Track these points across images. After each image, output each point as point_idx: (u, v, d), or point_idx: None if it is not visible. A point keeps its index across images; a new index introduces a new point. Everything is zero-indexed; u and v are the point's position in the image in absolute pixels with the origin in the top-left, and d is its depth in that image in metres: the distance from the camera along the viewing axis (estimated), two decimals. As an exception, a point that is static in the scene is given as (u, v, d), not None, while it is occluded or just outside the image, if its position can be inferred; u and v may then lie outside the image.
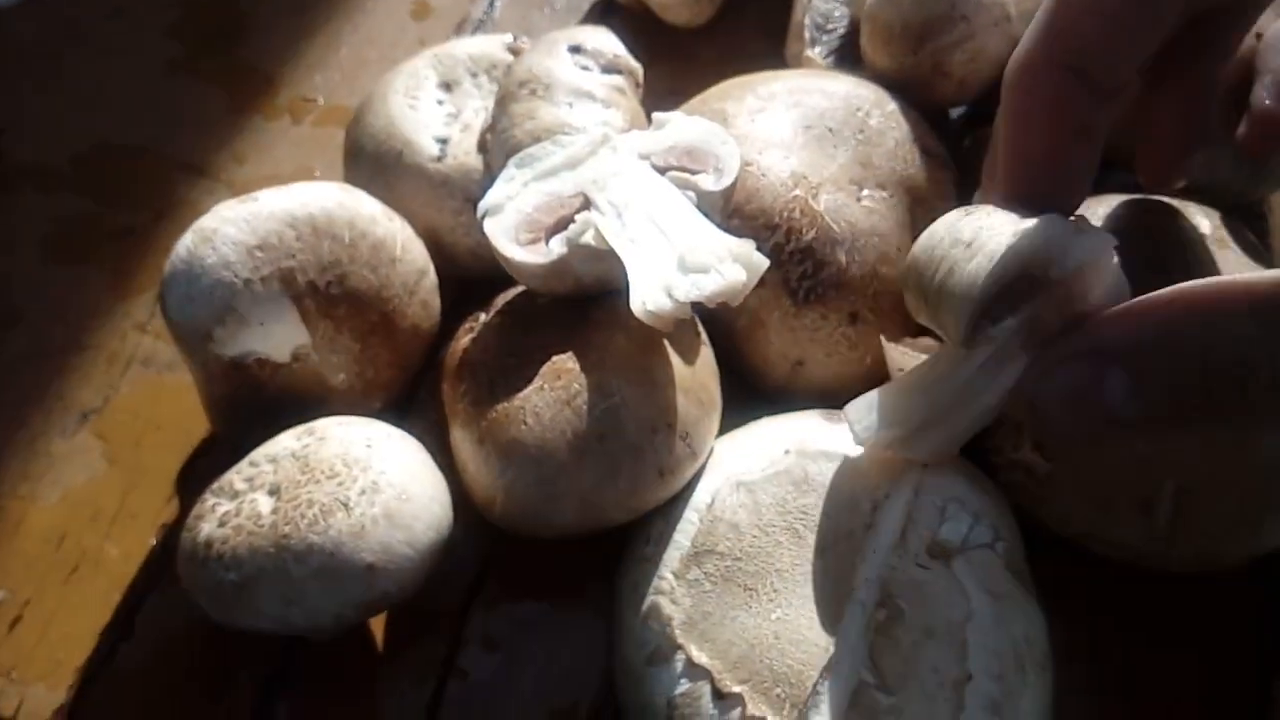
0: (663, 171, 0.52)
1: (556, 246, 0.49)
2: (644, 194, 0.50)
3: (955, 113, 0.68)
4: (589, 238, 0.49)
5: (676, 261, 0.47)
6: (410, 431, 0.51)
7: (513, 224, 0.50)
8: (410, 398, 0.58)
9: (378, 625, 0.51)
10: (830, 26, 0.71)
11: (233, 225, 0.50)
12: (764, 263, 0.47)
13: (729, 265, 0.47)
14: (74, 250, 0.67)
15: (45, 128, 0.73)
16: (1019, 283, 0.41)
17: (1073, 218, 0.43)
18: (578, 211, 0.50)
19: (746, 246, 0.47)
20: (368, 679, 0.50)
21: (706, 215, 0.50)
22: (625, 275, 0.47)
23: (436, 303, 0.57)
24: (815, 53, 0.70)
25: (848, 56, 0.70)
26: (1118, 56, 0.41)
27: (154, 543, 0.54)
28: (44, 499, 0.56)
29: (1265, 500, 0.49)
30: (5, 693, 0.50)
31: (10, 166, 0.71)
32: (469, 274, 0.60)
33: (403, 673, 0.50)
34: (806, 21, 0.71)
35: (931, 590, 0.44)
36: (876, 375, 0.54)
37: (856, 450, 0.48)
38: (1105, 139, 0.44)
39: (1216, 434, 0.47)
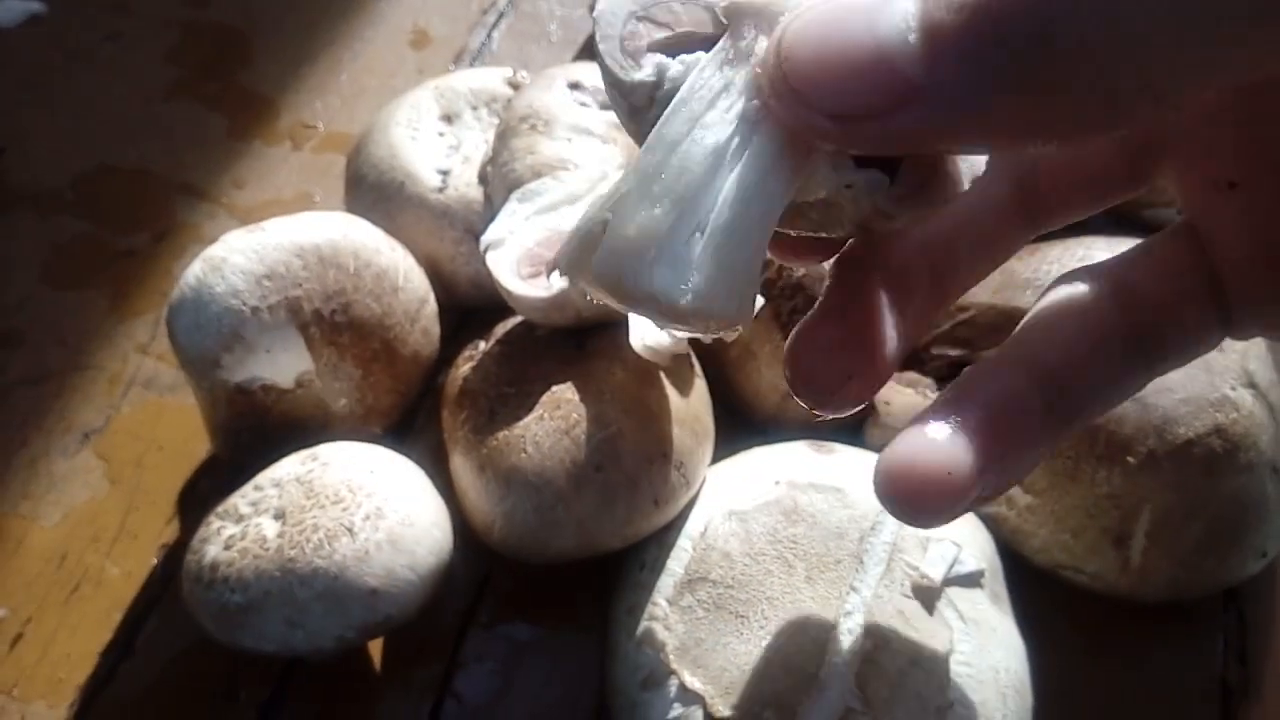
0: (660, 208, 0.53)
1: (557, 281, 0.51)
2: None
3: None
4: (589, 272, 0.50)
5: (674, 298, 0.49)
6: (409, 456, 0.52)
7: (514, 258, 0.52)
8: (409, 423, 0.59)
9: (375, 646, 0.52)
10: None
11: (241, 254, 0.51)
12: (760, 300, 0.48)
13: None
14: (75, 272, 0.68)
15: (45, 150, 0.74)
16: None
17: None
18: (577, 246, 0.52)
19: (741, 284, 0.48)
20: (366, 700, 0.51)
21: (702, 252, 0.51)
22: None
23: (437, 330, 0.59)
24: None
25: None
26: None
27: (155, 563, 0.55)
28: (45, 518, 0.57)
29: (1233, 534, 0.51)
30: (6, 710, 0.51)
31: (10, 188, 0.72)
32: (468, 302, 0.61)
33: (400, 694, 0.51)
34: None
35: (916, 619, 0.46)
36: (865, 408, 0.56)
37: (846, 481, 0.49)
38: None
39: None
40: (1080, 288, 0.30)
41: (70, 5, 0.83)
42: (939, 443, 0.26)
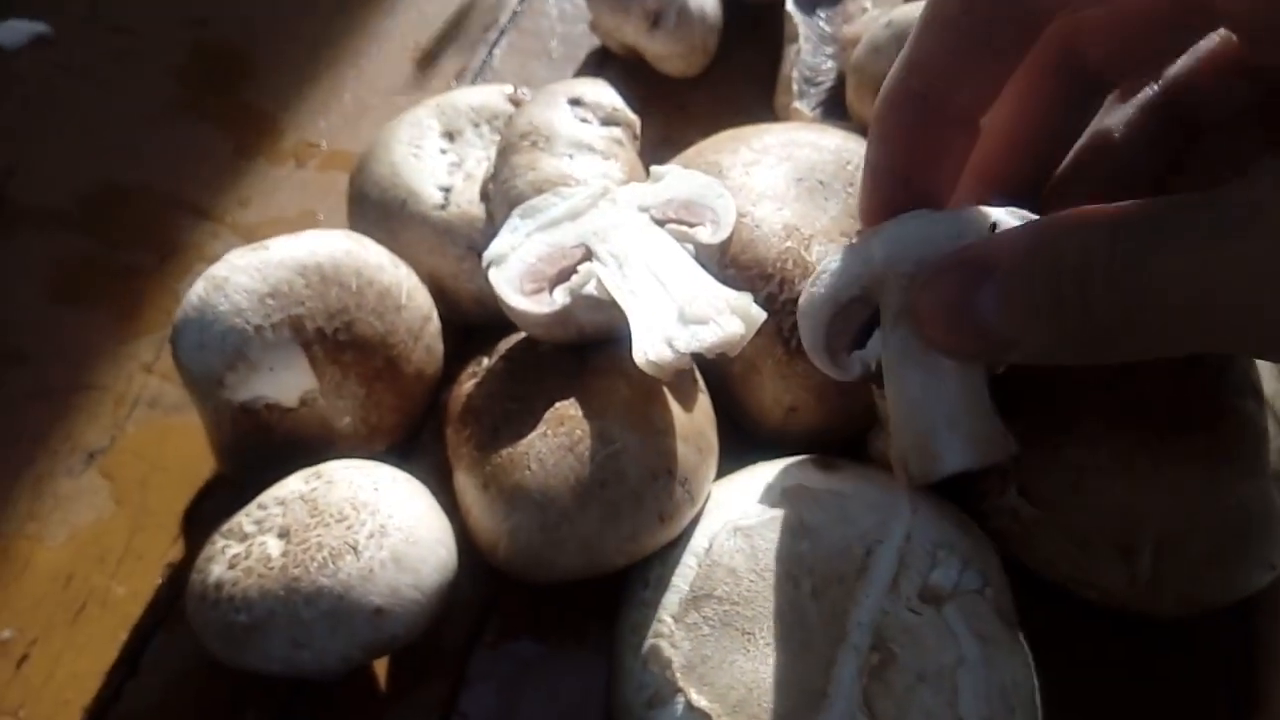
0: (661, 224, 0.53)
1: (560, 297, 0.51)
2: (644, 246, 0.52)
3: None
4: (591, 288, 0.50)
5: (677, 313, 0.49)
6: (413, 474, 0.52)
7: (517, 274, 0.52)
8: (413, 440, 0.59)
9: (380, 665, 0.52)
10: (818, 79, 0.73)
11: (244, 273, 0.51)
12: (761, 315, 0.49)
13: (727, 317, 0.48)
14: (79, 291, 0.68)
15: (50, 169, 0.74)
16: (864, 294, 0.46)
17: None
18: (580, 262, 0.52)
19: (744, 299, 0.49)
20: (371, 718, 0.51)
21: (704, 267, 0.52)
22: (626, 325, 0.49)
23: (440, 348, 0.59)
24: (803, 104, 0.72)
25: (834, 109, 0.72)
26: (958, 83, 0.44)
27: (160, 582, 0.55)
28: (51, 538, 0.57)
29: (1240, 547, 0.51)
30: (12, 731, 0.51)
31: (16, 207, 0.72)
32: (471, 319, 0.61)
33: (405, 713, 0.51)
34: (795, 75, 0.73)
35: (923, 635, 0.46)
36: (868, 421, 0.56)
37: (851, 496, 0.49)
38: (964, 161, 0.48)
39: (1185, 472, 0.49)
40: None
41: (75, 26, 0.84)
42: None
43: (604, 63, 0.80)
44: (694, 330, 0.48)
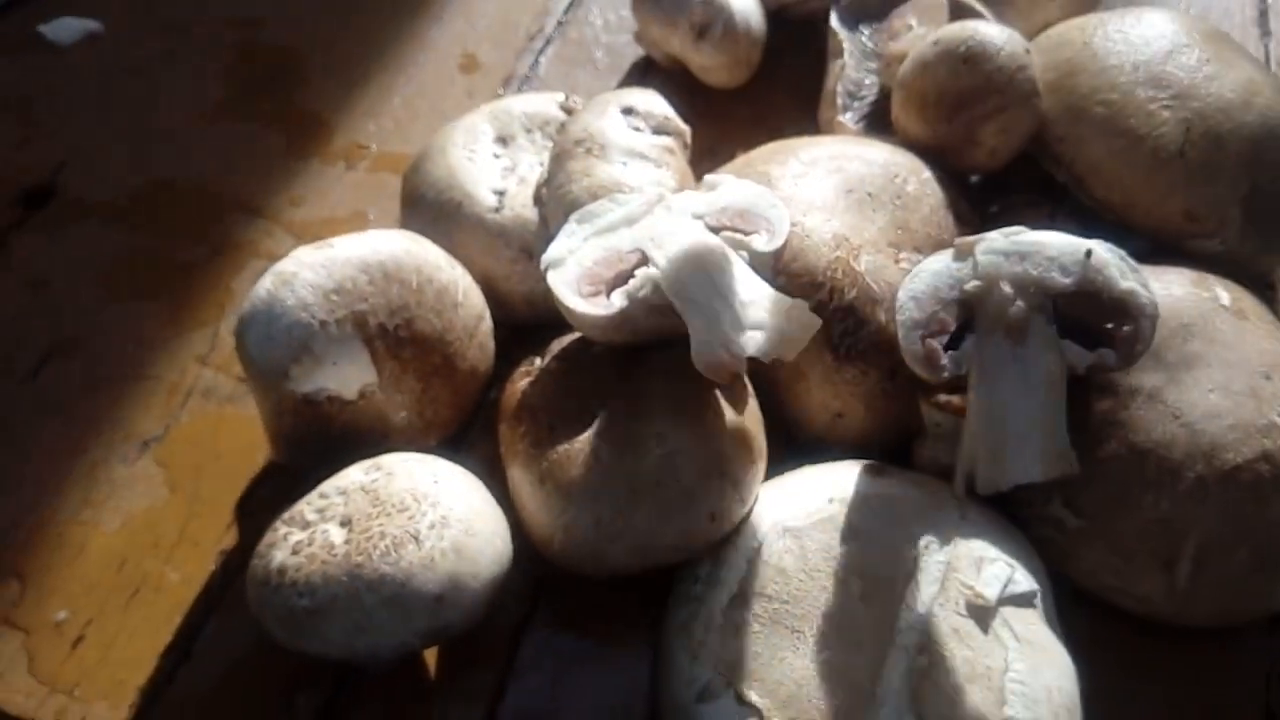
0: (716, 231, 0.55)
1: (618, 300, 0.52)
2: (700, 252, 0.53)
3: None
4: (649, 292, 0.51)
5: (734, 318, 0.50)
6: (464, 467, 0.53)
7: (575, 277, 0.53)
8: (462, 436, 0.60)
9: (430, 653, 0.53)
10: (861, 94, 0.75)
11: (311, 269, 0.52)
12: (817, 322, 0.50)
13: (784, 323, 0.50)
14: (133, 284, 0.69)
15: (104, 164, 0.76)
16: (963, 298, 0.51)
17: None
18: (636, 266, 0.53)
19: (800, 306, 0.50)
20: (419, 706, 0.52)
21: (758, 274, 0.53)
22: (682, 328, 0.50)
23: (492, 346, 0.60)
24: (847, 118, 0.73)
25: (877, 123, 0.73)
26: None
27: (214, 569, 0.56)
28: (105, 524, 0.58)
29: (1279, 560, 0.52)
30: (68, 710, 0.52)
31: (69, 201, 0.74)
32: (520, 320, 0.62)
33: (453, 700, 0.52)
34: (839, 89, 0.74)
35: (971, 638, 0.46)
36: (913, 429, 0.57)
37: (900, 501, 0.50)
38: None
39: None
40: None
41: (127, 24, 0.85)
42: None
43: (648, 73, 0.81)
44: (752, 335, 0.49)
